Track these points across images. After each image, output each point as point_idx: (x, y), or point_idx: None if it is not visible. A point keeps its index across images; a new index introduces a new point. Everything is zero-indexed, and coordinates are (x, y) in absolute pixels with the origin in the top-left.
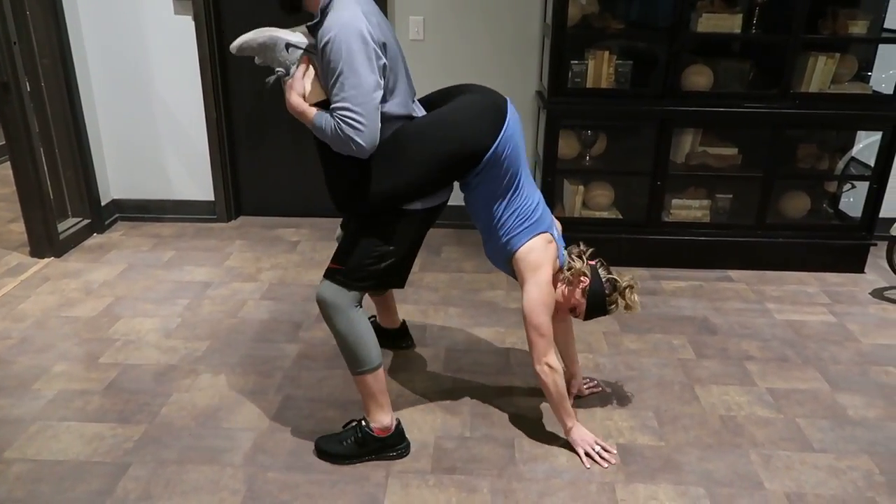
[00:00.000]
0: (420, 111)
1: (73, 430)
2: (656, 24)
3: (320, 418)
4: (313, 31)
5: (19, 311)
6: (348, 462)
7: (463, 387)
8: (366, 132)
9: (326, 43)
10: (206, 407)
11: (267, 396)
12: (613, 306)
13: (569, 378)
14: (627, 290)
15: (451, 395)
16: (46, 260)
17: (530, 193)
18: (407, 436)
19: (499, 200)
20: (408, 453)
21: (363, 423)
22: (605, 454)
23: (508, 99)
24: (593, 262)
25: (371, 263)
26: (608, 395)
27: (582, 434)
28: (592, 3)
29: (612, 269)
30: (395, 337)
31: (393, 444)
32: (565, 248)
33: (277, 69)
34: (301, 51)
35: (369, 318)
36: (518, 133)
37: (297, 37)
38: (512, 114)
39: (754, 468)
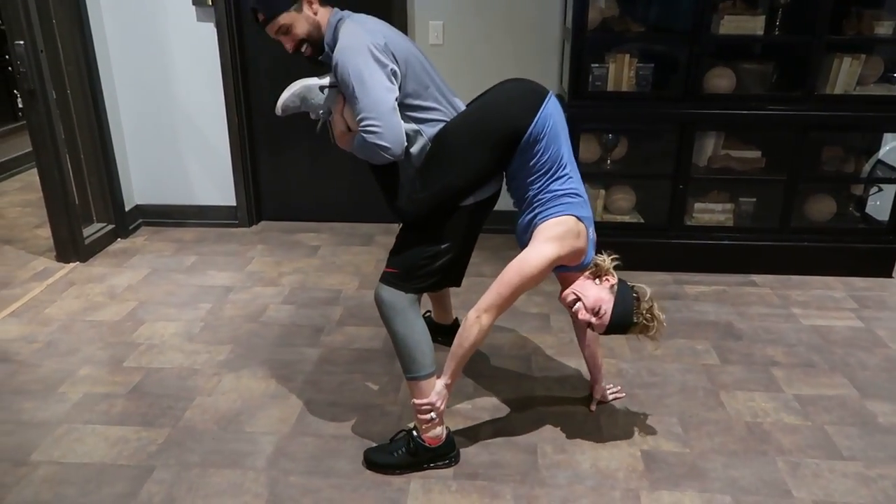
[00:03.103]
0: (460, 108)
1: (98, 433)
2: (677, 27)
3: (341, 422)
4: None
5: (45, 315)
6: (400, 473)
7: (484, 392)
8: (385, 133)
9: (336, 69)
10: (229, 411)
11: (288, 400)
12: (641, 318)
13: (592, 384)
14: (653, 307)
15: (472, 400)
16: (72, 265)
17: (575, 181)
18: None
19: (538, 177)
20: (458, 462)
21: (414, 432)
22: (428, 422)
23: (551, 91)
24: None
25: (425, 264)
26: (631, 401)
27: (439, 397)
28: (612, 6)
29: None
30: (447, 333)
31: (444, 454)
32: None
33: (320, 112)
34: (334, 88)
35: (424, 314)
36: (559, 115)
37: (326, 78)
38: (553, 98)
39: (781, 476)
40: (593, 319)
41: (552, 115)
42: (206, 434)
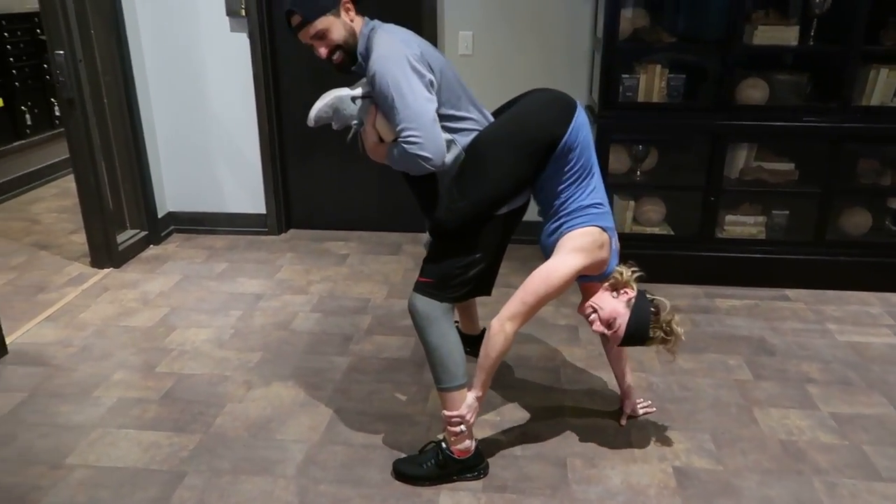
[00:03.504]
0: (490, 118)
1: (132, 438)
2: (709, 37)
3: (371, 432)
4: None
5: (80, 320)
6: (429, 484)
7: (513, 404)
8: (426, 143)
9: (373, 81)
10: (259, 418)
11: (318, 409)
12: (658, 332)
13: (622, 398)
14: (673, 320)
15: (501, 412)
16: (106, 270)
17: (600, 191)
18: None
19: (567, 185)
20: (486, 474)
21: (443, 444)
22: (458, 435)
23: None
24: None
25: (460, 273)
26: (662, 416)
27: (469, 410)
28: (643, 16)
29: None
30: (475, 343)
31: (473, 466)
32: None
33: (353, 123)
34: (366, 99)
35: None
36: (587, 125)
37: (358, 89)
38: (582, 107)
39: (818, 496)
40: (607, 332)
41: (584, 124)
42: (236, 441)
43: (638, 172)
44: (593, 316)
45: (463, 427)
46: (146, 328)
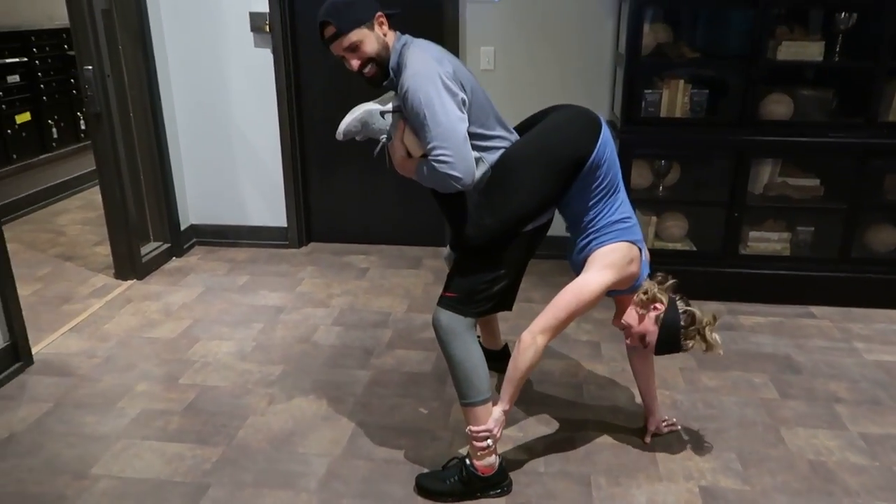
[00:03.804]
0: (516, 136)
1: (155, 449)
2: (733, 52)
3: (393, 446)
4: (395, 90)
5: (104, 331)
6: (452, 500)
7: (536, 420)
8: (457, 163)
9: (405, 97)
10: (281, 431)
11: (340, 422)
12: (690, 342)
13: (647, 415)
14: (707, 327)
15: (523, 428)
16: (129, 282)
17: (627, 206)
18: None
19: (596, 201)
20: (510, 491)
21: (466, 461)
22: (484, 449)
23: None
24: (673, 295)
25: (485, 288)
26: (687, 435)
27: (496, 424)
28: (666, 31)
29: (693, 304)
30: (498, 359)
31: (497, 483)
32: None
33: (381, 137)
34: (396, 113)
35: None
36: (612, 141)
37: (389, 104)
38: (604, 122)
39: None
40: (642, 346)
41: (609, 140)
42: (259, 453)
43: (660, 188)
44: (627, 331)
45: (490, 441)
46: (169, 340)
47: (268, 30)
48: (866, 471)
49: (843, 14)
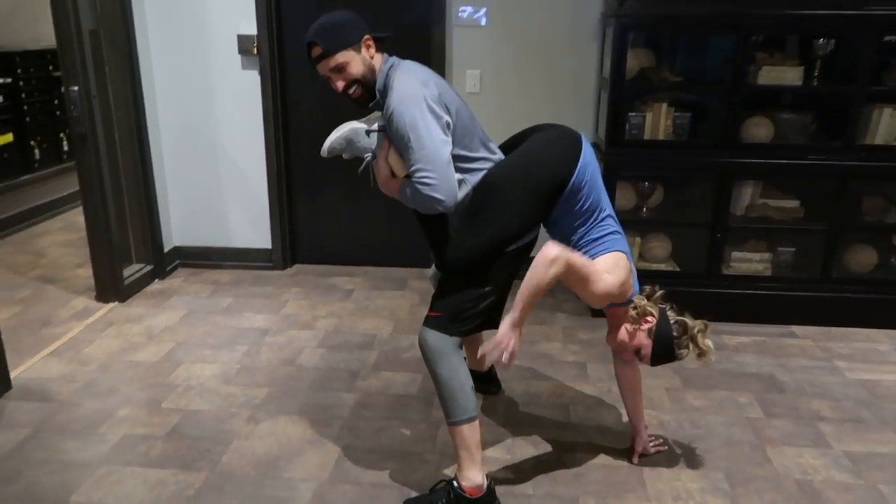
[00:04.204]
0: (500, 155)
1: (137, 476)
2: (714, 77)
3: (380, 469)
4: (381, 111)
5: (85, 355)
6: None
7: (523, 442)
8: (440, 185)
9: (391, 119)
10: (266, 455)
11: (326, 446)
12: (684, 350)
13: (634, 435)
14: (699, 334)
15: (511, 450)
16: (111, 305)
17: (614, 220)
18: None
19: (582, 221)
20: None
21: (454, 483)
22: (507, 355)
23: (582, 133)
24: (663, 305)
25: (470, 307)
26: (675, 455)
27: (506, 336)
28: (649, 56)
29: (684, 313)
30: (483, 380)
31: None
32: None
33: (365, 156)
34: (381, 133)
35: None
36: (594, 161)
37: (374, 124)
38: (587, 142)
39: None
40: (637, 359)
41: (590, 161)
42: (244, 479)
43: (644, 209)
44: (622, 347)
45: (506, 355)
46: (151, 363)
47: (255, 52)
48: (852, 489)
49: (821, 40)
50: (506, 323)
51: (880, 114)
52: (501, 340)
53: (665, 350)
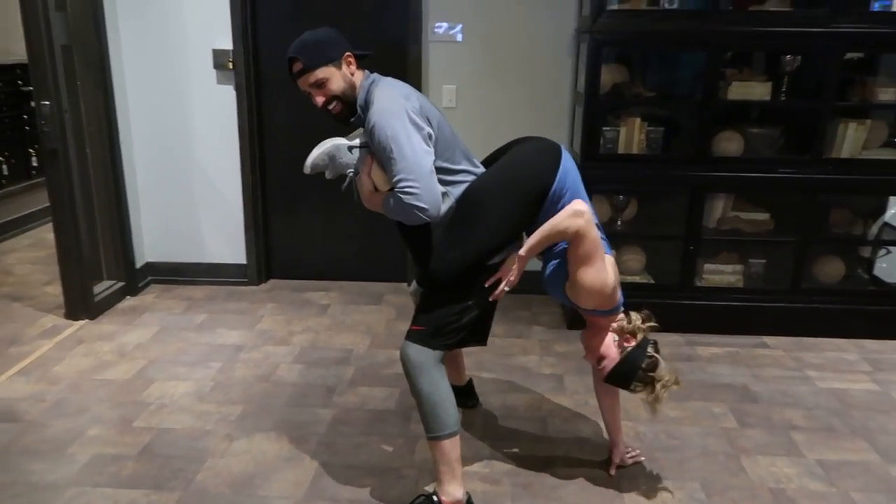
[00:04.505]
0: (482, 169)
1: (108, 497)
2: (686, 92)
3: (358, 486)
4: (363, 127)
5: (54, 374)
6: None
7: (502, 455)
8: (423, 194)
9: (372, 132)
10: (242, 473)
11: (302, 463)
12: (639, 385)
13: (611, 447)
14: (662, 386)
15: (490, 463)
16: (81, 322)
17: (598, 227)
18: None
19: None
20: None
21: (433, 497)
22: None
23: (561, 144)
24: (649, 339)
25: (453, 321)
26: (652, 465)
27: (507, 269)
28: (623, 72)
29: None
30: (462, 394)
31: None
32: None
33: (348, 171)
34: (363, 148)
35: None
36: (575, 170)
37: (356, 139)
38: (566, 152)
39: None
40: (597, 366)
41: (570, 170)
42: (218, 498)
43: (619, 222)
44: (589, 346)
45: (506, 288)
46: (123, 381)
47: (231, 67)
48: (825, 497)
49: (787, 57)
50: (512, 255)
51: (846, 128)
52: (505, 273)
53: (625, 375)
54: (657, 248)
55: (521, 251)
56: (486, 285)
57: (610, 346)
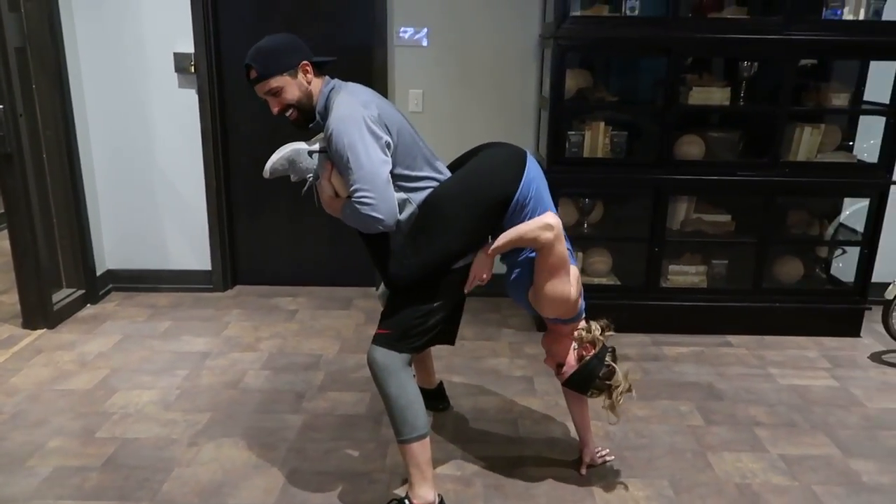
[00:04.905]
0: (447, 175)
1: None
2: (648, 97)
3: (329, 492)
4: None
5: (11, 385)
6: None
7: (473, 458)
8: (378, 204)
9: (330, 140)
10: (210, 482)
11: (272, 470)
12: (595, 391)
13: (581, 447)
14: (619, 393)
15: (461, 466)
16: (39, 331)
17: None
18: None
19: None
20: None
21: (405, 501)
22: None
23: (527, 150)
24: (608, 347)
25: (419, 323)
26: (621, 464)
27: (484, 258)
28: (587, 77)
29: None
30: (432, 397)
31: None
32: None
33: (308, 176)
34: (323, 153)
35: None
36: (540, 177)
37: (316, 144)
38: (531, 159)
39: None
40: (557, 371)
41: (535, 178)
42: None
43: (585, 225)
44: (550, 351)
45: (479, 282)
46: (84, 391)
47: (192, 70)
48: (788, 491)
49: (745, 63)
50: (481, 253)
51: (801, 132)
52: (476, 272)
53: (582, 382)
54: (623, 250)
55: (488, 250)
56: (466, 291)
57: (569, 354)
